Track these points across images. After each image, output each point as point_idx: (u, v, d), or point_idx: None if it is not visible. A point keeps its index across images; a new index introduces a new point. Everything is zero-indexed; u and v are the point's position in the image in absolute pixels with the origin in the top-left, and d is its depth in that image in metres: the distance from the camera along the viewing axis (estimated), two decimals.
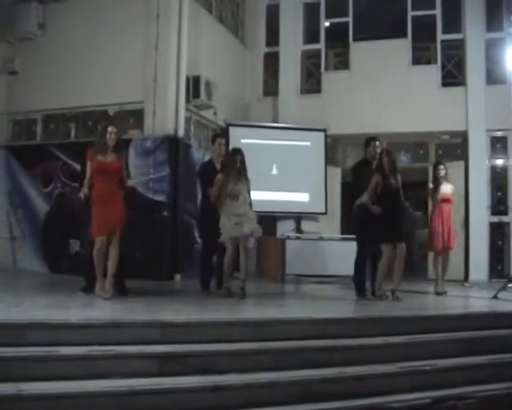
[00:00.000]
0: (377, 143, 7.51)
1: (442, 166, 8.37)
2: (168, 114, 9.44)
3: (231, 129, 11.32)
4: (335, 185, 12.08)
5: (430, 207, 8.92)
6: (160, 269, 9.06)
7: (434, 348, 5.01)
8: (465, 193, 11.20)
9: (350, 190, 7.79)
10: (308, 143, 11.88)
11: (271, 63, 12.80)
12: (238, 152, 7.03)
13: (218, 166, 7.43)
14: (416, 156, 12.38)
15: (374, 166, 7.33)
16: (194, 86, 9.93)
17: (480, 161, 11.38)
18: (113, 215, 6.10)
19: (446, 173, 8.33)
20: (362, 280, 7.34)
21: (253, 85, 12.76)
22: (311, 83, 12.88)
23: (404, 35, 12.01)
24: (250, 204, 7.02)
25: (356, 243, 7.40)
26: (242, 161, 6.95)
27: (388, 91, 11.66)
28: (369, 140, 7.61)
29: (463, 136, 11.63)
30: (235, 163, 6.91)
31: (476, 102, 11.34)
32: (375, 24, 12.53)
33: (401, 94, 11.61)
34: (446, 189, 8.29)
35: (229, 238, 6.87)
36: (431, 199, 8.64)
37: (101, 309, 5.29)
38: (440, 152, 12.15)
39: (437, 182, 8.32)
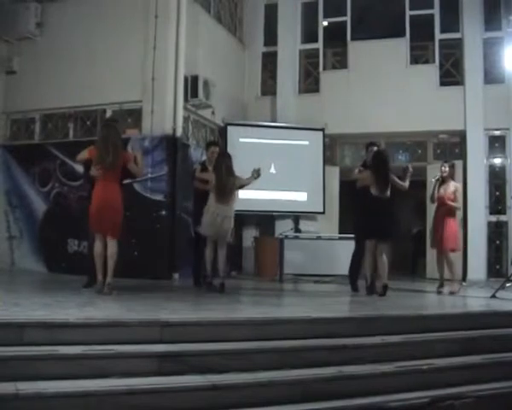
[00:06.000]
0: (375, 148, 7.92)
1: (445, 165, 8.40)
2: (166, 114, 9.44)
3: (229, 128, 11.34)
4: (333, 185, 12.09)
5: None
6: (158, 268, 9.06)
7: (432, 347, 5.02)
8: (463, 192, 11.20)
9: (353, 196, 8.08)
10: (306, 143, 11.89)
11: (269, 62, 12.82)
12: (223, 156, 7.56)
13: (210, 168, 7.68)
14: (414, 156, 12.39)
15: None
16: (192, 86, 9.93)
17: (479, 160, 11.39)
18: (110, 217, 6.21)
19: (451, 173, 8.38)
20: (354, 275, 7.76)
21: (251, 85, 12.77)
22: (310, 82, 12.89)
23: (403, 34, 12.03)
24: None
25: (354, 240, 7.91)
26: (227, 167, 7.30)
27: (386, 91, 11.67)
28: (368, 146, 8.08)
29: (461, 135, 11.65)
30: (221, 165, 7.31)
31: (474, 102, 11.35)
32: (373, 23, 12.56)
33: (399, 93, 11.62)
34: (446, 189, 8.30)
35: (208, 236, 7.27)
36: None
37: (100, 308, 5.28)
38: (438, 151, 12.17)
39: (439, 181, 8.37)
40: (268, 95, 12.73)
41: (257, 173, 7.35)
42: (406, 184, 7.52)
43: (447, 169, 8.35)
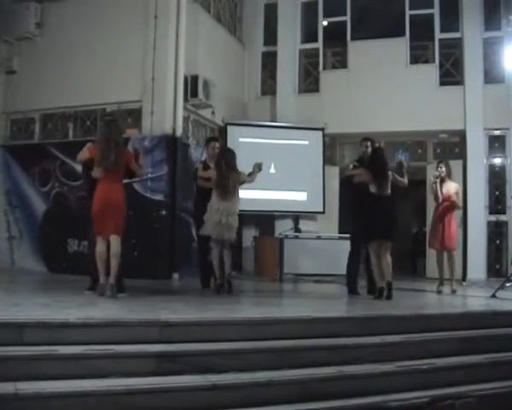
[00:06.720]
0: (368, 142, 7.81)
1: (441, 165, 8.44)
2: (166, 114, 9.44)
3: (229, 128, 11.34)
4: (333, 184, 12.07)
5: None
6: (158, 268, 9.07)
7: (433, 346, 5.01)
8: (463, 192, 11.20)
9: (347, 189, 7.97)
10: (306, 142, 11.89)
11: (269, 62, 12.82)
12: (223, 152, 7.55)
13: (211, 166, 7.60)
14: (414, 155, 12.38)
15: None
16: (192, 85, 9.93)
17: (478, 159, 11.38)
18: (113, 217, 6.16)
19: (448, 172, 8.39)
20: (352, 278, 7.58)
21: (251, 84, 12.78)
22: (309, 82, 12.89)
23: (402, 34, 12.01)
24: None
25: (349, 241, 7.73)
26: (227, 163, 7.21)
27: (386, 90, 11.65)
28: (362, 141, 7.96)
29: (461, 135, 11.64)
30: (221, 161, 7.25)
31: (474, 101, 11.34)
32: (373, 23, 12.56)
33: (399, 93, 11.60)
34: (449, 188, 8.33)
35: (212, 238, 7.13)
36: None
37: (100, 308, 5.28)
38: (438, 151, 12.17)
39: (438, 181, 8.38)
40: (268, 95, 12.73)
41: (258, 167, 7.31)
42: (405, 180, 7.49)
43: (444, 169, 8.38)
